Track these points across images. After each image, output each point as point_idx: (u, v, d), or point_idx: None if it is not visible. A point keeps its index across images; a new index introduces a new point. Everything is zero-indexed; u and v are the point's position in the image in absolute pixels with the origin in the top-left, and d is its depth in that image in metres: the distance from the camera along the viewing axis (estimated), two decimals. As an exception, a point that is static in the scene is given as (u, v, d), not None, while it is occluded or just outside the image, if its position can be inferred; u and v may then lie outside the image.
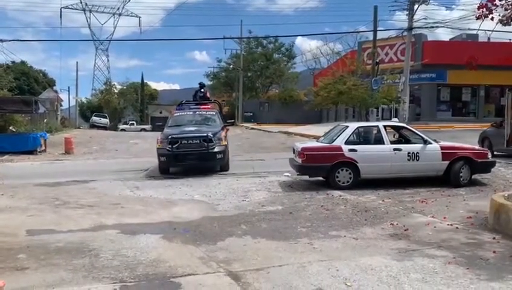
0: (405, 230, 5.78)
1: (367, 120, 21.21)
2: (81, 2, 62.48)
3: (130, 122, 56.87)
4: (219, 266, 4.48)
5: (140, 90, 67.23)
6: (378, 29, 23.11)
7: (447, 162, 9.13)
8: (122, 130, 48.22)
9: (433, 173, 9.29)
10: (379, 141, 9.35)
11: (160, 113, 63.58)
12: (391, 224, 6.12)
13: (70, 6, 62.99)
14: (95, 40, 63.21)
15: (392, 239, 5.42)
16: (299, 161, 9.21)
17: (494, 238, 5.34)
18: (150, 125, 56.83)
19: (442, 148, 9.23)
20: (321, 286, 3.88)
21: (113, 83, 64.28)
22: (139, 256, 4.75)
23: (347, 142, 9.14)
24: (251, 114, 44.58)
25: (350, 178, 8.97)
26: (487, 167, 9.56)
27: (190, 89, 17.89)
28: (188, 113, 13.45)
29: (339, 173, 8.97)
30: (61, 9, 61.35)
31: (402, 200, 7.79)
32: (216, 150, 11.33)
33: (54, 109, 36.91)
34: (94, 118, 50.83)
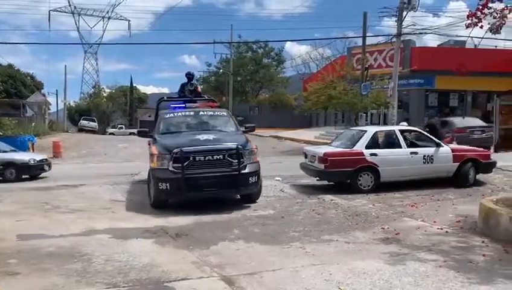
0: (396, 234, 5.84)
1: (356, 125, 21.34)
2: (70, 5, 62.13)
3: (119, 126, 56.47)
4: (212, 270, 4.48)
5: (129, 93, 66.81)
6: (367, 35, 23.34)
7: (457, 164, 9.59)
8: (111, 133, 47.90)
9: (445, 175, 9.70)
10: (397, 145, 9.61)
11: (149, 116, 63.05)
12: (382, 228, 6.18)
13: (59, 9, 62.57)
14: (84, 44, 62.81)
15: (383, 243, 5.47)
16: (321, 166, 9.20)
17: (483, 242, 5.42)
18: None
19: (453, 150, 9.75)
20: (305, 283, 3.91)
21: (101, 87, 64.02)
22: (132, 261, 4.74)
23: (367, 147, 9.33)
24: (242, 118, 44.64)
25: (371, 182, 9.15)
26: (490, 167, 10.07)
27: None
28: (188, 113, 9.26)
29: (361, 177, 9.13)
30: (49, 12, 61.01)
31: (392, 205, 7.86)
32: (248, 170, 7.56)
33: (41, 113, 36.55)
34: (82, 122, 50.43)
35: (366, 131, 9.91)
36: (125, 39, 71.81)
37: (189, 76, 11.48)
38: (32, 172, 13.08)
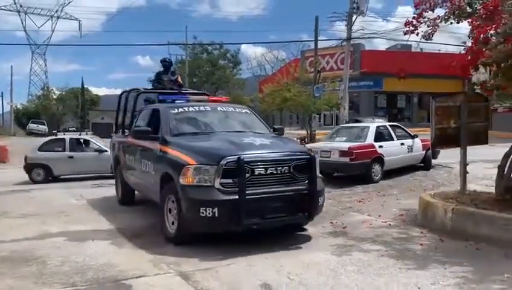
0: (343, 228, 6.22)
1: (310, 126, 21.99)
2: (15, 3, 59.60)
3: (70, 129, 54.71)
4: (169, 267, 4.63)
5: (80, 95, 64.85)
6: (319, 38, 24.08)
7: (424, 152, 11.51)
8: (62, 137, 46.32)
9: (418, 162, 11.57)
10: (390, 137, 11.11)
11: (102, 119, 61.61)
12: (331, 223, 6.54)
13: (3, 8, 59.90)
14: (32, 44, 60.39)
15: (331, 236, 5.82)
16: (345, 159, 10.01)
17: (421, 232, 5.89)
18: (91, 132, 54.98)
19: (421, 140, 11.56)
20: (266, 281, 4.16)
21: (51, 88, 61.79)
22: (89, 261, 4.79)
23: (374, 140, 10.58)
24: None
25: (379, 172, 10.37)
26: (436, 154, 11.99)
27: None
28: (203, 108, 6.90)
29: (373, 167, 10.24)
30: (-7, 10, 58.10)
31: (341, 201, 8.29)
32: (319, 187, 5.68)
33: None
34: (31, 125, 48.52)
35: (369, 126, 11.37)
36: (75, 39, 69.82)
37: (167, 63, 9.56)
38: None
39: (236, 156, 5.07)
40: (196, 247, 5.30)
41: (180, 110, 6.80)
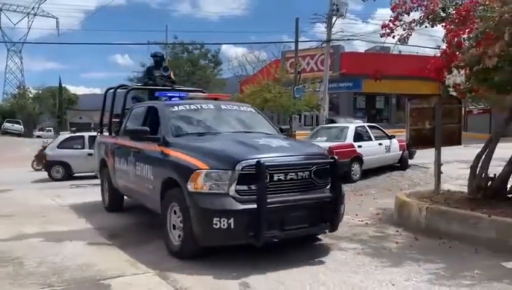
0: (322, 227, 6.30)
1: (290, 126, 22.13)
2: (-10, 0, 58.21)
3: (47, 128, 53.78)
4: (147, 267, 4.62)
5: (58, 94, 63.73)
6: (299, 40, 24.26)
7: (401, 152, 11.85)
8: (38, 136, 45.53)
9: (395, 162, 11.92)
10: (369, 138, 11.43)
11: (80, 118, 60.71)
12: (310, 222, 6.61)
13: (-23, 4, 58.37)
14: (7, 42, 59.06)
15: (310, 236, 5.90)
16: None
17: (397, 231, 6.03)
18: (68, 132, 54.14)
19: (398, 141, 11.71)
20: (246, 280, 4.20)
21: (27, 87, 60.56)
22: (66, 262, 4.76)
23: (354, 140, 10.83)
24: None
25: (359, 171, 10.61)
26: (413, 154, 12.50)
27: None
28: (206, 106, 6.33)
29: (353, 167, 10.45)
30: (-34, 6, 56.61)
31: (320, 201, 8.38)
32: (342, 194, 5.20)
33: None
34: (6, 124, 47.50)
35: (348, 127, 11.63)
36: (53, 37, 68.51)
37: (158, 58, 9.09)
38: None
39: (255, 160, 4.49)
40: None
41: (181, 108, 6.15)
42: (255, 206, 4.39)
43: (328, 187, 5.00)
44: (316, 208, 4.85)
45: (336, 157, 5.19)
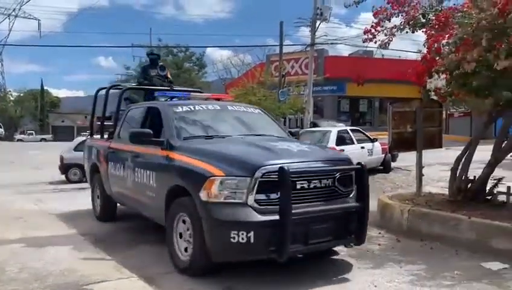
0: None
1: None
2: (-31, 1, 57.15)
3: (28, 132, 52.95)
4: (132, 272, 4.60)
5: (39, 97, 62.81)
6: (284, 43, 24.42)
7: (383, 155, 12.07)
8: (19, 140, 44.86)
9: (378, 165, 12.09)
10: (351, 141, 11.62)
11: (63, 122, 59.96)
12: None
13: (-44, 5, 57.25)
14: (-13, 43, 58.01)
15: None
16: None
17: (380, 233, 6.12)
18: (51, 135, 53.51)
19: (381, 144, 11.97)
20: (230, 285, 4.21)
21: (8, 90, 59.53)
22: (49, 267, 4.70)
23: (336, 144, 10.95)
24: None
25: None
26: (396, 157, 12.78)
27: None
28: (212, 107, 5.86)
29: None
30: None
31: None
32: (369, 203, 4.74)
33: None
34: (-14, 128, 46.65)
35: (330, 131, 11.84)
36: (35, 39, 67.58)
37: (154, 56, 8.64)
38: None
39: (277, 166, 4.06)
40: (161, 250, 5.30)
41: (185, 108, 5.66)
42: (276, 217, 3.94)
43: (351, 196, 4.61)
44: (342, 219, 4.42)
45: (363, 163, 4.76)
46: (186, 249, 4.46)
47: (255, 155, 4.38)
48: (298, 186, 4.15)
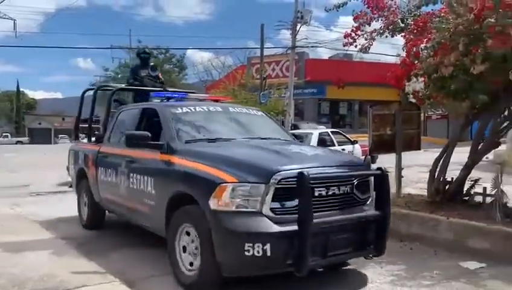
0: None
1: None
2: None
3: (3, 134, 51.75)
4: (114, 276, 4.54)
5: (15, 99, 61.45)
6: (265, 46, 24.52)
7: (363, 157, 11.93)
8: (-5, 142, 43.79)
9: None
10: (332, 143, 11.90)
11: (39, 124, 58.80)
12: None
13: None
14: (-40, 43, 56.50)
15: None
16: None
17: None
18: (27, 138, 52.48)
19: (361, 146, 12.28)
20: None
21: (-18, 91, 57.95)
22: (28, 273, 4.60)
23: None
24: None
25: None
26: (375, 159, 12.56)
27: (75, 98, 11.44)
28: (213, 109, 5.52)
29: None
30: None
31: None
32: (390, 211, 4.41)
33: None
34: (-41, 130, 45.39)
35: (312, 133, 12.22)
36: (10, 40, 66.13)
37: (145, 55, 8.26)
38: None
39: (296, 171, 3.71)
40: (145, 253, 5.26)
41: (185, 110, 5.28)
42: (295, 227, 3.59)
43: (368, 203, 4.30)
44: (361, 228, 4.12)
45: (383, 168, 4.40)
46: (191, 264, 4.10)
47: (267, 160, 4.04)
48: (316, 194, 3.82)
